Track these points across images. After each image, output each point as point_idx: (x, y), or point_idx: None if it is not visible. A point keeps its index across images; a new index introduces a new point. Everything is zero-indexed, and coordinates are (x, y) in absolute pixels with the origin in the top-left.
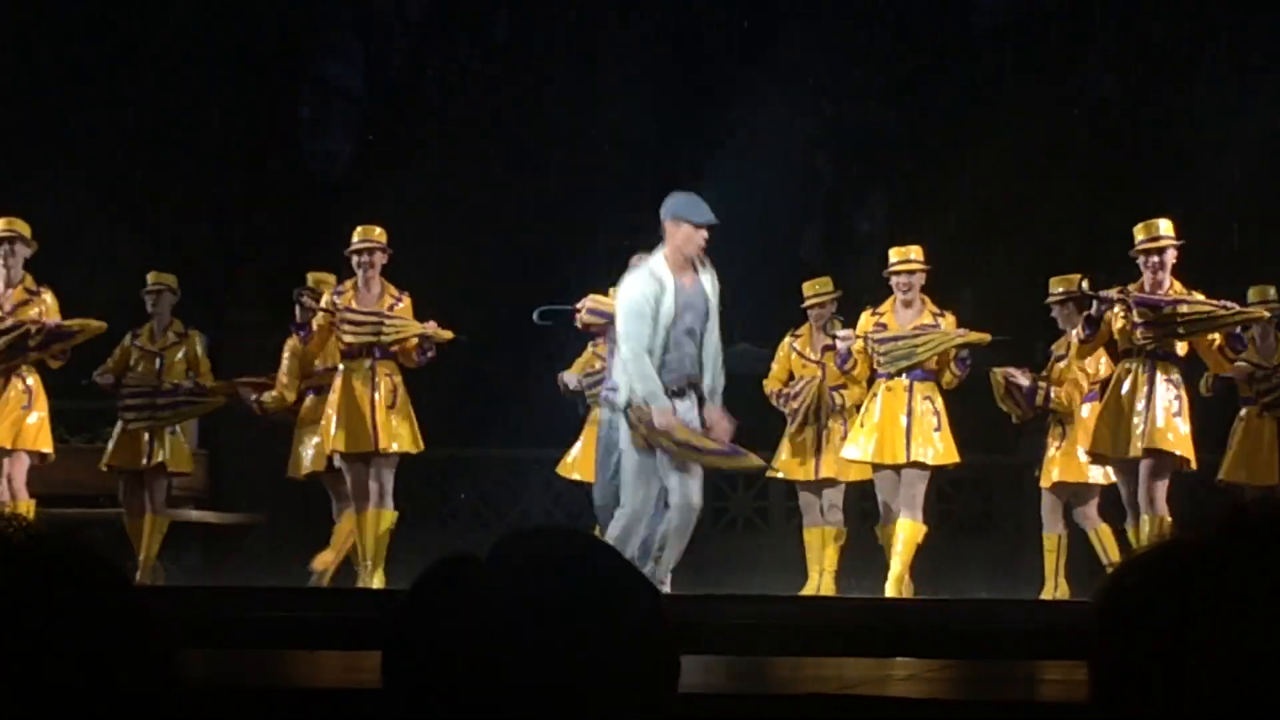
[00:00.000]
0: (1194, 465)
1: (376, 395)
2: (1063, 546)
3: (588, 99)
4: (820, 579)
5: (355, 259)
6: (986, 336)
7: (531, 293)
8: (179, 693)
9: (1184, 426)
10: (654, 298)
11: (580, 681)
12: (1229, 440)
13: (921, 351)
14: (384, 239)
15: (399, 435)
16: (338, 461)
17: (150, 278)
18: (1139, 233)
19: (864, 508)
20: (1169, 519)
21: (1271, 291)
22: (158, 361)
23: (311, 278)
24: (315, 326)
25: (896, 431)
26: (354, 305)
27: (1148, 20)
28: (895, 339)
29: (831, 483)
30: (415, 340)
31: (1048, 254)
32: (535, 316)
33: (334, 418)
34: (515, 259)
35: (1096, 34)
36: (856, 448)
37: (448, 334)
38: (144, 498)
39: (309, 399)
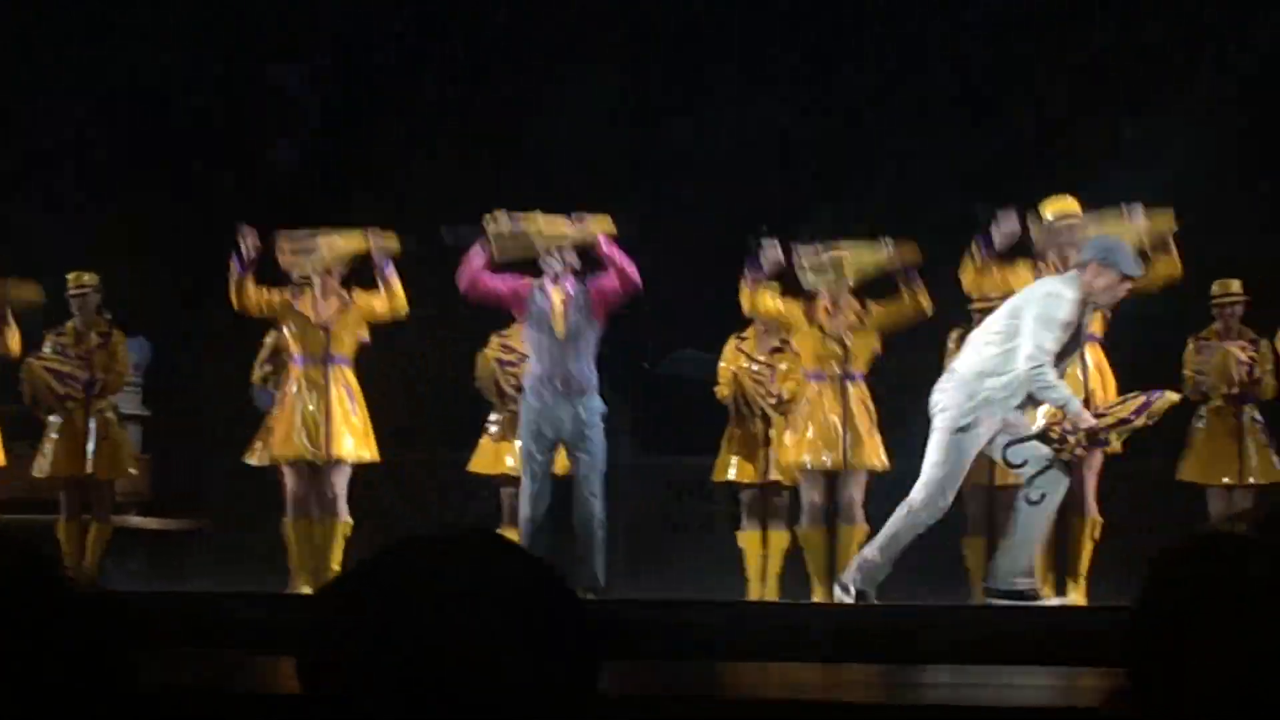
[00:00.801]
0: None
1: (331, 403)
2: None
3: (554, 107)
4: (765, 584)
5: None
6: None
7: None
8: (133, 693)
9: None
10: (1073, 323)
11: (490, 683)
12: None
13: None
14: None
15: (354, 443)
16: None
17: (72, 279)
18: (1047, 209)
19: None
20: (1100, 519)
21: (1235, 285)
22: (84, 366)
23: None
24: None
25: (832, 434)
26: (303, 309)
27: (1144, 20)
28: None
29: (777, 488)
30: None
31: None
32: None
33: (282, 422)
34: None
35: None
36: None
37: (393, 243)
38: (86, 504)
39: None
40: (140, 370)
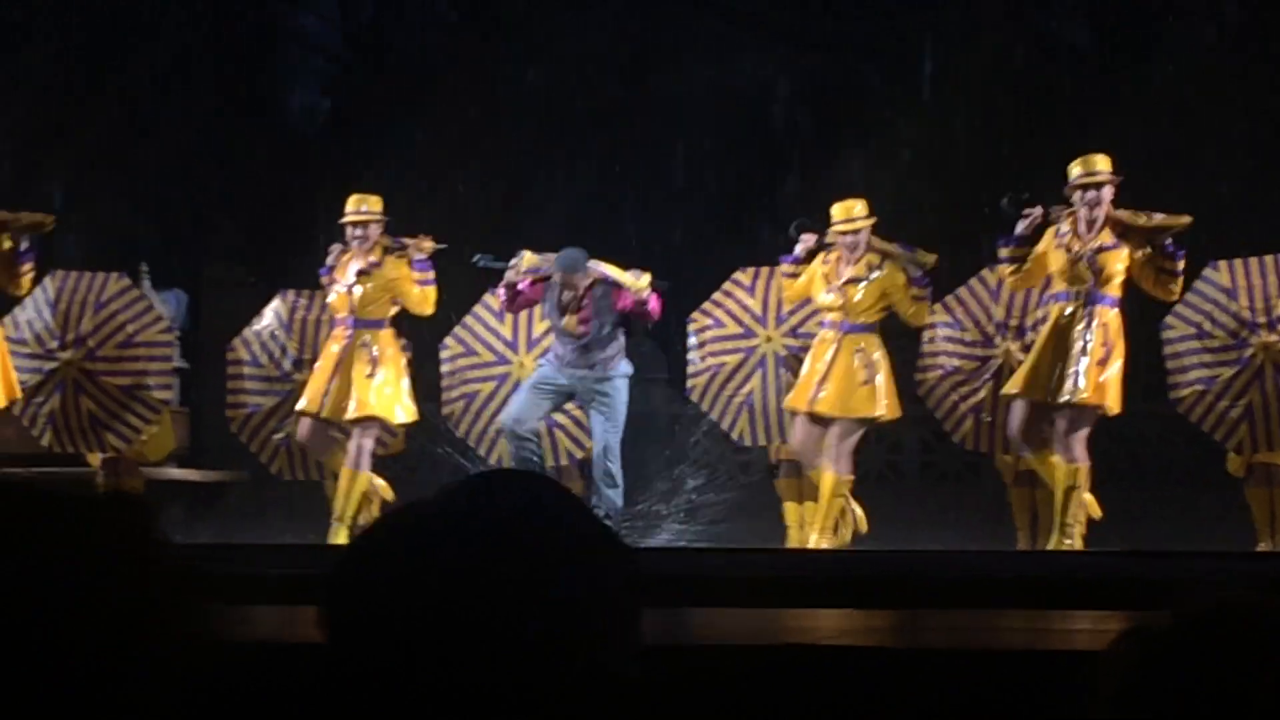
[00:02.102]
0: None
1: (359, 364)
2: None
3: (560, 55)
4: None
5: (348, 232)
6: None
7: (512, 247)
8: (210, 646)
9: (1110, 373)
10: None
11: (531, 629)
12: None
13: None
14: (379, 207)
15: (366, 400)
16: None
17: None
18: (1075, 168)
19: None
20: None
21: None
22: None
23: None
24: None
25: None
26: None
27: None
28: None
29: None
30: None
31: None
32: (478, 262)
33: (311, 380)
34: (496, 213)
35: None
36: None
37: (428, 244)
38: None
39: None
40: (177, 323)
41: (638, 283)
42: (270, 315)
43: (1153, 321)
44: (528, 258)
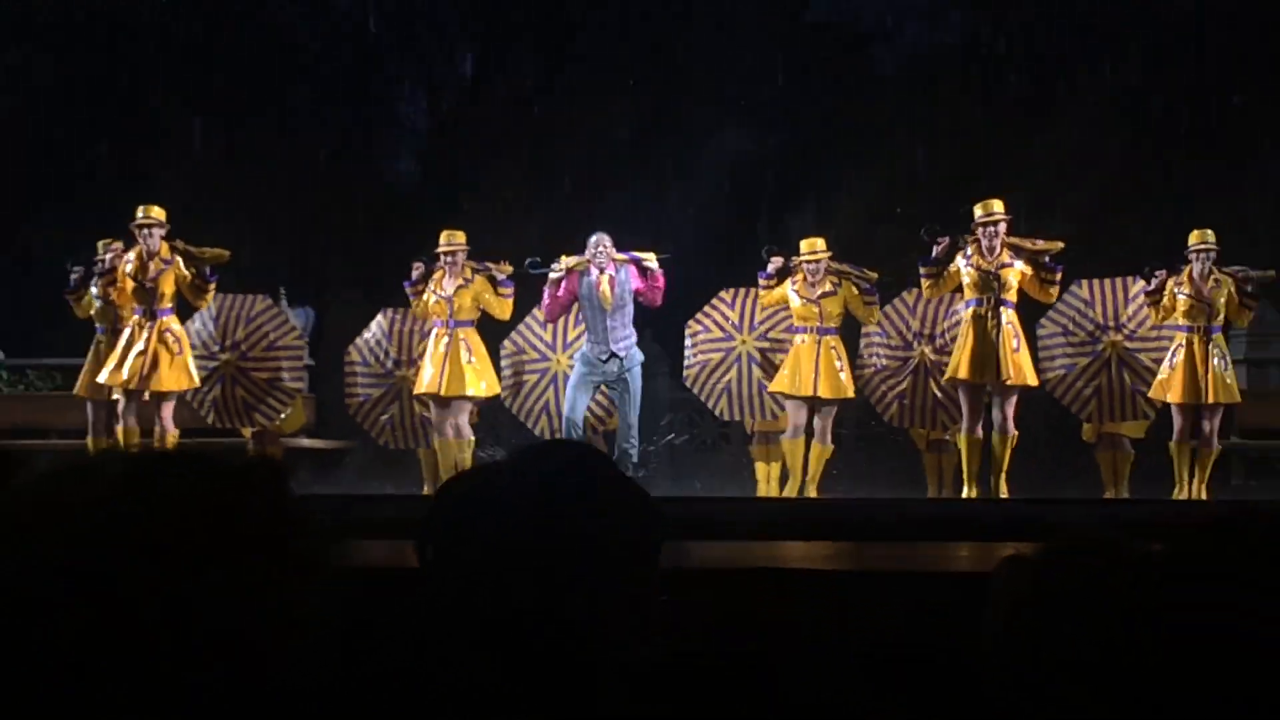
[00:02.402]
0: (1036, 383)
1: (460, 352)
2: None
3: (591, 132)
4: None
5: (441, 258)
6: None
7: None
8: (328, 574)
9: (1024, 357)
10: None
11: (581, 559)
12: (1166, 362)
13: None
14: (463, 239)
15: (474, 383)
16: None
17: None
18: (978, 209)
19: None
20: (1016, 433)
21: (1210, 235)
22: None
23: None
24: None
25: (809, 371)
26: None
27: (1020, 64)
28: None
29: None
30: (490, 293)
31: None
32: (528, 266)
33: (423, 368)
34: (548, 244)
35: (983, 73)
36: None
37: (507, 268)
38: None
39: None
40: (306, 332)
41: (650, 255)
42: (375, 327)
43: (1030, 323)
44: (565, 260)
